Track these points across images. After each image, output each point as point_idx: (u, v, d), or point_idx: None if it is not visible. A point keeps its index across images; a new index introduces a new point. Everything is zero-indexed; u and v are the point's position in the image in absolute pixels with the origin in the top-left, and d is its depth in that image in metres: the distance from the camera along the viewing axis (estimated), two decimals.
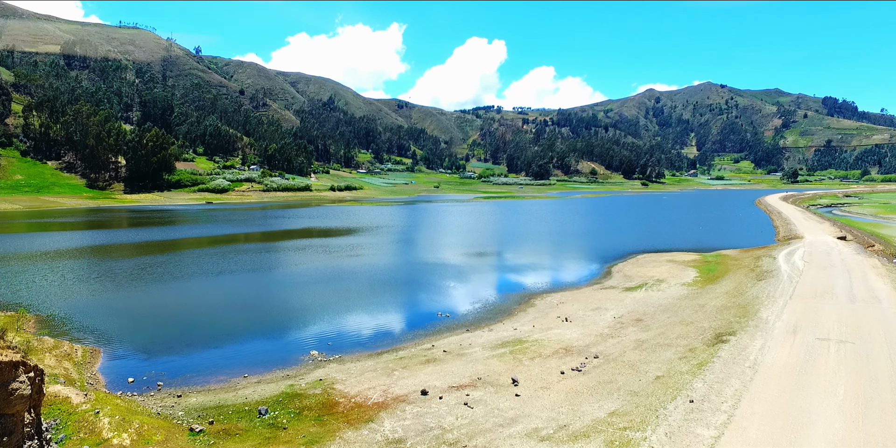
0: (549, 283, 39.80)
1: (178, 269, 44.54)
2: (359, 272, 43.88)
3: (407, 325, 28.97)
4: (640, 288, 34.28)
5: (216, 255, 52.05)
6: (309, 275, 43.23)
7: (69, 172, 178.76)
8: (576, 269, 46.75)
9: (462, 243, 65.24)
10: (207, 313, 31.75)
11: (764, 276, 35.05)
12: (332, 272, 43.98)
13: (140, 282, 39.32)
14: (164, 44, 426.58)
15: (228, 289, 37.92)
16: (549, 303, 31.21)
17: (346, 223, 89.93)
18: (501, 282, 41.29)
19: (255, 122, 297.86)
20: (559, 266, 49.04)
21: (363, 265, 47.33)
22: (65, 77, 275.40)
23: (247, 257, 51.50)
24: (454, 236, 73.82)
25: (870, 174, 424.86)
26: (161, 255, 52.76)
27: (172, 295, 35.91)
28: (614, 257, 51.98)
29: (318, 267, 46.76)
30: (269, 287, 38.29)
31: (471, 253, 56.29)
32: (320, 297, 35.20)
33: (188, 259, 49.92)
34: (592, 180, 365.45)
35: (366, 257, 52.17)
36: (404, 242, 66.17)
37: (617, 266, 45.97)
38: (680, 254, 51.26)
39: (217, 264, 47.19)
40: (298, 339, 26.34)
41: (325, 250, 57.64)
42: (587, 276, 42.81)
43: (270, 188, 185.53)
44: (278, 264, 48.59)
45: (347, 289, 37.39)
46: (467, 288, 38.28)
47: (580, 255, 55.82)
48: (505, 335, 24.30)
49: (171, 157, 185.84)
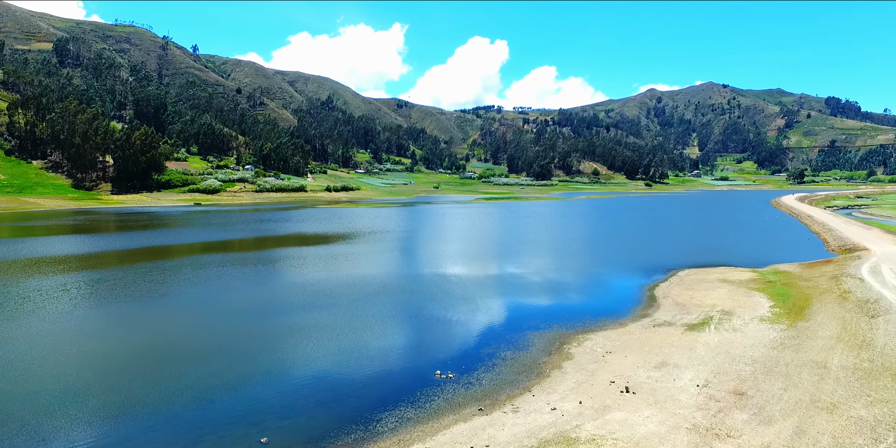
0: (581, 313, 31.13)
1: (106, 291, 36.25)
2: (329, 299, 34.39)
3: (385, 395, 19.29)
4: (705, 325, 26.15)
5: (154, 273, 42.99)
6: (260, 304, 33.48)
7: (55, 172, 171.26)
8: (608, 292, 38.17)
9: (464, 254, 56.86)
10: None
11: (868, 307, 26.88)
12: (295, 298, 34.86)
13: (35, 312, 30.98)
14: (160, 42, 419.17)
15: (121, 328, 28.43)
16: (592, 351, 23.01)
17: (334, 228, 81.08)
18: (518, 312, 32.21)
19: (251, 121, 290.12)
20: (586, 287, 40.41)
21: (339, 287, 37.72)
22: (56, 75, 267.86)
23: (189, 276, 42.10)
24: (454, 244, 65.21)
25: (876, 175, 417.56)
26: (103, 269, 44.10)
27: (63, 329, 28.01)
28: (649, 272, 43.90)
29: (278, 291, 37.34)
30: (183, 328, 28.15)
31: (475, 267, 47.85)
32: (261, 342, 25.51)
33: (127, 277, 41.29)
34: (595, 181, 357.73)
35: (345, 274, 43.25)
36: (397, 253, 57.69)
37: (659, 288, 37.44)
38: (728, 270, 42.85)
39: (145, 285, 38.41)
40: (195, 425, 16.97)
41: (297, 264, 48.81)
42: (626, 302, 34.03)
43: (263, 189, 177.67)
44: (224, 287, 38.14)
45: (307, 327, 27.88)
46: (475, 323, 29.33)
47: (607, 271, 47.19)
48: (540, 422, 15.98)
49: (162, 157, 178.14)
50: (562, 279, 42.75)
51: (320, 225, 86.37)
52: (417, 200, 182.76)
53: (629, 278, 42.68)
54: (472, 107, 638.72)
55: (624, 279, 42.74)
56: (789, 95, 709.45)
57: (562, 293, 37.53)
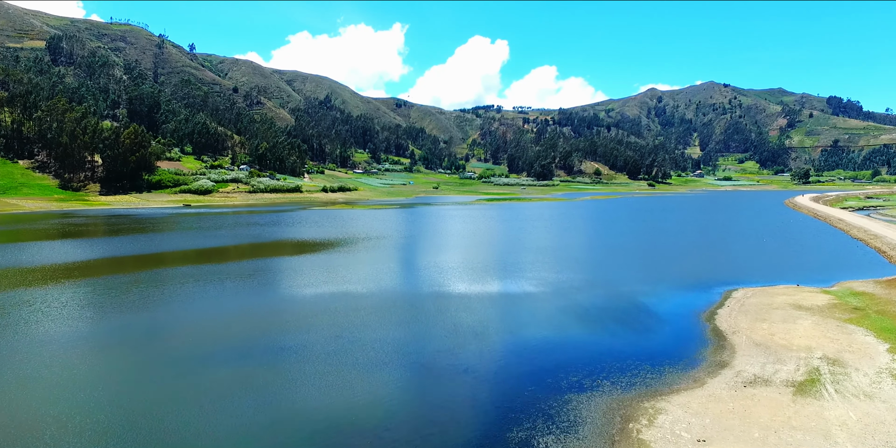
0: (634, 359, 23.54)
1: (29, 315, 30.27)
2: (301, 334, 27.11)
3: None
4: (817, 385, 19.76)
5: (94, 293, 36.44)
6: (209, 341, 26.39)
7: (42, 172, 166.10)
8: (658, 323, 29.96)
9: (469, 267, 48.50)
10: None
11: None
12: (257, 332, 27.72)
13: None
14: (156, 40, 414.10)
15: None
16: (676, 439, 15.85)
17: (324, 233, 74.87)
18: (548, 356, 24.06)
19: (248, 121, 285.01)
20: (626, 314, 32.07)
21: (315, 316, 30.71)
22: (48, 73, 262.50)
23: (132, 299, 34.94)
24: (457, 253, 58.20)
25: (881, 175, 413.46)
26: (37, 288, 37.18)
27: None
28: (696, 292, 37.23)
29: (239, 321, 29.99)
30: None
31: (483, 285, 40.46)
32: (188, 409, 18.63)
33: (61, 297, 35.13)
34: (597, 181, 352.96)
35: (327, 295, 36.18)
36: (391, 265, 50.81)
37: (719, 316, 30.09)
38: (791, 289, 36.16)
39: (74, 310, 32.07)
40: None
41: (270, 280, 42.08)
42: (688, 340, 26.48)
43: (257, 189, 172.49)
44: (167, 317, 30.91)
45: (257, 386, 20.57)
46: (492, 379, 21.53)
47: (644, 290, 38.59)
48: None
49: (152, 156, 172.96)
50: (592, 302, 35.01)
51: (310, 230, 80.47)
52: (416, 201, 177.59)
53: (675, 301, 35.54)
54: (472, 106, 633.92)
55: (669, 302, 35.30)
56: (791, 95, 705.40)
57: (598, 324, 30.03)
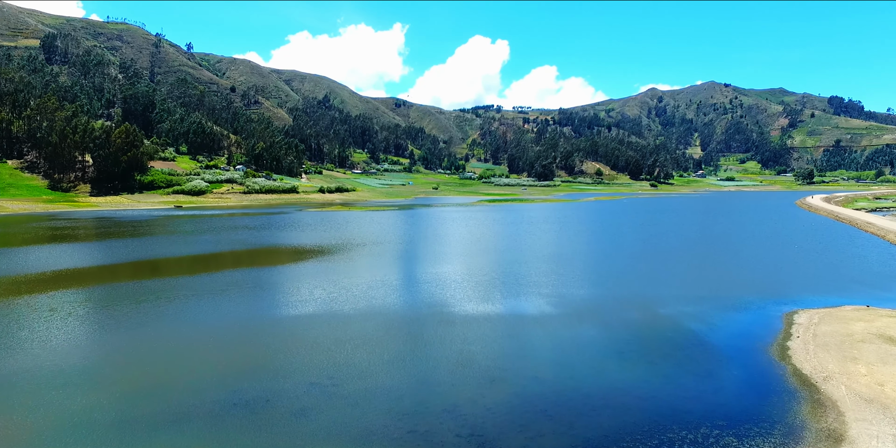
0: (717, 437, 16.72)
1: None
2: (271, 381, 21.26)
3: None
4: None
5: (33, 315, 31.01)
6: (150, 385, 20.85)
7: (31, 172, 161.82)
8: (729, 373, 22.58)
9: (475, 281, 41.17)
10: None
11: None
12: (216, 373, 22.09)
13: None
14: (152, 39, 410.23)
15: None
16: None
17: (314, 238, 69.57)
18: (600, 439, 16.77)
19: (244, 120, 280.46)
20: (676, 349, 25.41)
21: (289, 353, 24.72)
22: (41, 71, 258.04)
23: (70, 326, 28.97)
24: (460, 264, 50.77)
25: (885, 175, 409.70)
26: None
27: None
28: (750, 315, 31.41)
29: (195, 354, 24.63)
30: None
31: (494, 305, 33.61)
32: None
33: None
34: (598, 181, 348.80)
35: (306, 317, 30.65)
36: (386, 276, 43.77)
37: (794, 352, 24.16)
38: (863, 311, 30.73)
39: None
40: None
41: (236, 300, 34.87)
42: (769, 393, 20.10)
43: (252, 190, 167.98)
44: (108, 348, 25.55)
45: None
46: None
47: (688, 311, 32.02)
48: None
49: (145, 156, 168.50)
50: (630, 329, 28.63)
51: (300, 235, 75.14)
52: (416, 203, 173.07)
53: (729, 327, 29.14)
54: (472, 106, 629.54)
55: (723, 329, 28.74)
56: (792, 95, 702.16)
57: (645, 363, 23.56)
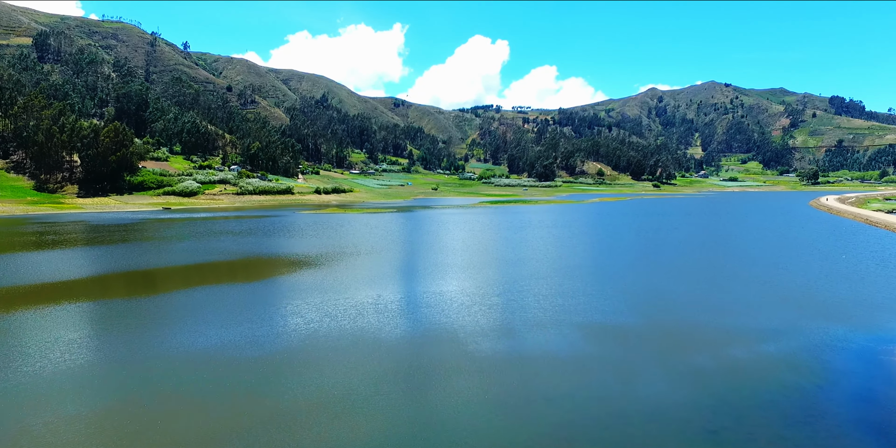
0: None
1: None
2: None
3: None
4: None
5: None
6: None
7: (17, 173, 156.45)
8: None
9: (488, 304, 33.36)
10: None
11: None
12: (179, 429, 16.98)
13: None
14: (148, 38, 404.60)
15: None
16: None
17: (303, 246, 63.12)
18: None
19: (240, 120, 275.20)
20: (790, 425, 17.49)
21: (259, 404, 18.80)
22: (33, 70, 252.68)
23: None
24: (467, 279, 41.78)
25: (889, 175, 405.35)
26: None
27: None
28: (867, 360, 23.62)
29: (145, 392, 19.84)
30: None
31: (519, 348, 25.20)
32: None
33: None
34: (600, 182, 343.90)
35: (283, 352, 24.37)
36: (376, 299, 34.56)
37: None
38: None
39: None
40: None
41: (195, 332, 27.59)
42: None
43: (245, 191, 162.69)
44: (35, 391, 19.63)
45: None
46: None
47: (773, 350, 24.90)
48: None
49: (135, 156, 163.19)
50: (708, 387, 20.47)
51: (289, 242, 68.46)
52: (415, 204, 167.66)
53: (845, 386, 20.89)
54: (472, 106, 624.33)
55: (839, 389, 20.55)
56: (792, 95, 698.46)
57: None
